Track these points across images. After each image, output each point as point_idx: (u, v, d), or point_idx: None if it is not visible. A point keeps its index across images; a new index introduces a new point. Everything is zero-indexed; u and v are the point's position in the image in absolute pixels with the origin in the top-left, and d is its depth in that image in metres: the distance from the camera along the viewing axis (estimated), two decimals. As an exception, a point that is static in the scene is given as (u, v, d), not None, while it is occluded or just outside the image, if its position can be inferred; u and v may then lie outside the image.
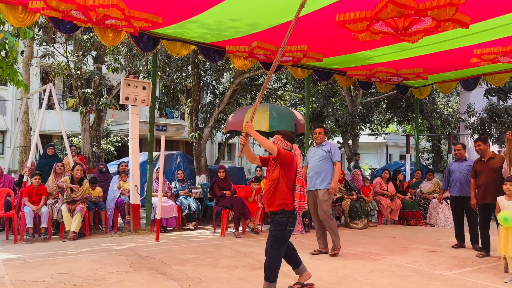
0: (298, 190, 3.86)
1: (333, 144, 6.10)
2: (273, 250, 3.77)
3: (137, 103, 7.72)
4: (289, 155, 3.88)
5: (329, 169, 5.92)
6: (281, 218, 3.81)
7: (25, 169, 8.24)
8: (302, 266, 4.14)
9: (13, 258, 5.32)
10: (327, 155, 5.95)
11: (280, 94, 17.09)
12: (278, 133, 4.09)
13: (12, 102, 18.77)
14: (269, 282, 3.75)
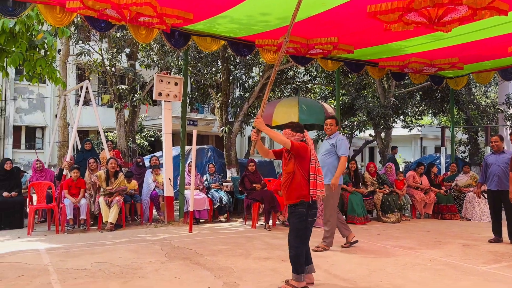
0: (312, 179, 3.80)
1: (340, 137, 5.73)
2: (297, 243, 3.76)
3: (170, 98, 7.90)
4: (302, 146, 3.82)
5: (333, 163, 5.61)
6: (301, 209, 3.78)
7: (65, 163, 8.61)
8: (310, 266, 4.01)
9: (55, 248, 5.60)
10: (332, 149, 5.65)
11: (310, 87, 16.98)
12: (285, 127, 4.00)
13: (50, 99, 19.56)
14: (298, 274, 3.75)
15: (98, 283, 3.98)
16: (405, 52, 8.54)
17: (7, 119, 18.90)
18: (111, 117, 16.40)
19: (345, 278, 4.27)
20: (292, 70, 14.71)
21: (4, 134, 18.86)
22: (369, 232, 7.22)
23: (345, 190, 8.39)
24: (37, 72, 8.59)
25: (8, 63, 8.21)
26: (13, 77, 17.75)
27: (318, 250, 5.50)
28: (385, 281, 4.20)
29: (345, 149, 5.60)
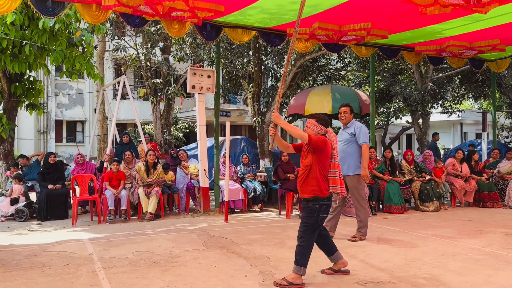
0: (333, 176, 3.75)
1: (358, 124, 5.55)
2: (304, 236, 3.72)
3: (203, 91, 8.02)
4: (321, 140, 3.72)
5: (355, 153, 5.48)
6: (314, 205, 3.72)
7: (105, 156, 8.95)
8: (336, 254, 3.98)
9: (98, 237, 5.87)
10: (352, 138, 5.49)
11: (343, 74, 16.71)
12: (311, 117, 3.92)
13: (89, 94, 20.28)
14: (298, 266, 3.70)
15: (139, 271, 4.15)
16: (443, 36, 8.23)
17: (49, 114, 19.77)
18: (148, 110, 16.82)
19: (382, 267, 4.24)
20: (325, 58, 14.51)
21: (47, 129, 19.77)
22: (407, 221, 7.10)
23: (382, 179, 8.26)
24: (76, 69, 8.94)
25: (51, 61, 8.59)
26: (53, 73, 18.53)
27: (354, 240, 5.46)
28: (423, 270, 4.14)
29: (365, 136, 5.46)
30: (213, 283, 3.75)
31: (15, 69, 8.24)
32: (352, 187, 5.52)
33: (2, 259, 4.62)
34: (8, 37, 7.86)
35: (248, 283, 3.73)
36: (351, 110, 5.58)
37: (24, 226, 6.88)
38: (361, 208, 5.55)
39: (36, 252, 4.95)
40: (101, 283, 3.75)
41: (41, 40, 8.01)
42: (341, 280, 3.82)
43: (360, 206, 5.55)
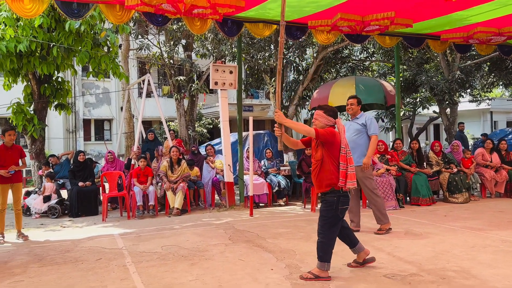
0: (342, 168, 3.64)
1: (368, 116, 5.59)
2: (324, 230, 3.67)
3: (226, 87, 8.07)
4: (329, 133, 3.65)
5: (366, 143, 5.48)
6: (331, 197, 3.66)
7: (132, 153, 9.15)
8: (359, 246, 3.92)
9: (128, 232, 6.03)
10: (362, 129, 5.48)
11: (367, 64, 16.44)
12: (319, 108, 3.84)
13: (115, 93, 20.71)
14: (322, 262, 3.66)
15: (168, 265, 4.25)
16: (469, 22, 7.98)
17: (77, 113, 20.32)
18: (172, 107, 17.06)
19: (410, 260, 4.19)
20: (348, 49, 14.31)
21: (75, 128, 20.33)
22: (435, 213, 6.97)
23: (408, 171, 8.12)
24: (102, 68, 9.14)
25: (77, 62, 8.82)
26: (80, 73, 19.01)
27: (381, 233, 5.40)
28: (452, 263, 4.07)
29: (376, 128, 5.50)
30: (240, 276, 3.80)
31: (44, 71, 8.50)
32: (362, 178, 5.48)
33: (38, 255, 4.82)
34: (36, 39, 8.12)
35: (275, 276, 3.76)
36: (358, 102, 5.61)
37: (57, 222, 7.14)
38: (375, 197, 5.52)
39: (69, 247, 5.13)
40: (131, 277, 3.87)
41: (67, 42, 8.23)
42: (367, 273, 3.80)
43: (373, 195, 5.52)
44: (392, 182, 7.56)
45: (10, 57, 8.21)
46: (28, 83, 9.33)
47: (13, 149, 5.75)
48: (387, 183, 7.48)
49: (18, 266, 4.33)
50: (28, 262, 4.48)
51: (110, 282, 3.73)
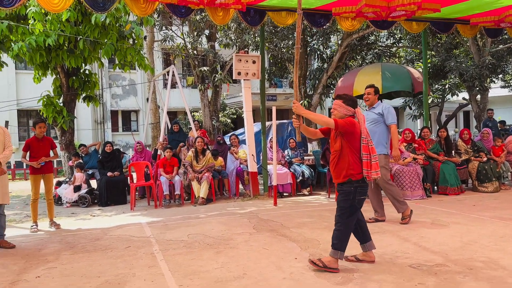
0: (365, 159, 3.56)
1: (385, 105, 5.47)
2: (341, 220, 3.62)
3: (249, 77, 8.07)
4: (349, 123, 3.57)
5: (383, 132, 5.42)
6: (348, 188, 3.60)
7: (158, 143, 9.32)
8: (369, 243, 3.83)
9: (155, 221, 6.17)
10: (379, 118, 5.41)
11: (394, 51, 16.06)
12: (338, 98, 3.76)
13: (141, 85, 21.04)
14: (335, 250, 3.61)
15: (194, 253, 4.34)
16: (500, 5, 7.66)
17: (105, 105, 20.79)
18: (196, 98, 17.20)
19: (436, 250, 4.13)
20: (374, 35, 14.00)
21: (103, 119, 20.82)
22: (463, 203, 6.81)
23: (436, 160, 7.95)
24: (127, 60, 9.30)
25: (102, 54, 9.00)
26: (107, 65, 19.39)
27: (406, 221, 5.31)
28: (480, 253, 3.98)
29: (393, 117, 5.41)
30: (264, 265, 3.84)
31: (72, 64, 8.73)
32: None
33: (70, 242, 5.01)
34: (64, 33, 8.32)
35: (299, 265, 3.79)
36: (376, 91, 5.51)
37: (87, 211, 7.38)
38: (390, 186, 5.44)
39: (99, 235, 5.31)
40: (159, 265, 3.97)
41: (93, 35, 8.40)
42: (392, 263, 3.78)
43: (387, 184, 5.43)
44: (419, 171, 7.42)
45: (40, 51, 8.47)
46: (57, 76, 9.60)
47: (44, 141, 5.95)
48: (414, 172, 7.35)
49: (51, 254, 4.52)
50: (61, 250, 4.67)
51: (138, 270, 3.84)
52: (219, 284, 3.39)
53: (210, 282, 3.44)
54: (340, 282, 3.36)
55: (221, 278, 3.52)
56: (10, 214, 7.11)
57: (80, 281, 3.57)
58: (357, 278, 3.44)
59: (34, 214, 5.89)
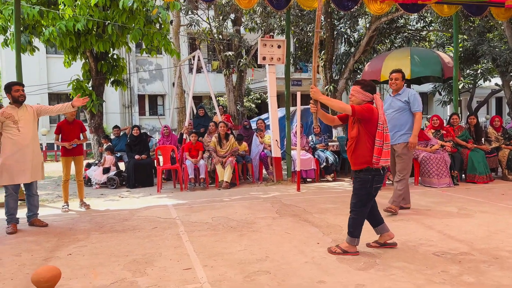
0: (377, 145, 3.48)
1: (412, 92, 5.28)
2: (357, 208, 3.62)
3: (273, 62, 8.02)
4: (366, 109, 3.50)
5: (408, 120, 5.26)
6: (365, 175, 3.56)
7: (184, 128, 9.45)
8: (382, 226, 3.81)
9: (181, 203, 6.32)
10: (405, 106, 5.24)
11: (424, 34, 15.59)
12: (356, 83, 3.69)
13: (167, 69, 21.25)
14: (352, 237, 3.64)
15: (218, 235, 4.43)
16: (540, -15, 7.30)
17: (132, 89, 21.14)
18: (221, 83, 17.26)
19: (461, 239, 4.08)
20: (403, 18, 13.62)
21: (131, 103, 21.21)
22: (492, 191, 6.65)
23: (465, 147, 7.76)
24: (154, 45, 9.40)
25: (130, 39, 9.13)
26: (134, 50, 19.65)
27: (390, 211, 5.11)
28: (507, 243, 3.91)
29: (419, 104, 5.23)
30: (286, 249, 3.90)
31: (100, 48, 8.90)
32: (402, 154, 5.26)
33: (99, 222, 5.20)
34: (92, 18, 8.47)
35: (321, 250, 3.82)
36: (403, 77, 5.32)
37: (115, 192, 7.61)
38: (403, 178, 5.28)
39: (127, 216, 5.49)
40: (184, 245, 4.09)
41: (121, 19, 8.52)
42: (416, 251, 3.76)
43: (402, 176, 5.28)
44: (446, 158, 7.27)
45: (70, 35, 8.66)
46: (86, 61, 9.82)
47: (74, 124, 6.14)
48: (441, 160, 7.21)
49: (81, 233, 4.71)
50: (90, 229, 4.86)
51: (164, 249, 3.97)
52: (242, 265, 3.47)
53: (233, 263, 3.53)
54: (362, 267, 3.38)
55: (244, 260, 3.60)
56: (43, 194, 7.41)
57: (109, 259, 3.72)
58: (379, 264, 3.44)
59: (65, 195, 6.13)
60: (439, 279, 3.09)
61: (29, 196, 5.11)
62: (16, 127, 4.80)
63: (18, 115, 4.85)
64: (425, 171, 7.31)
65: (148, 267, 3.49)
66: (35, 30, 9.08)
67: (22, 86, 5.00)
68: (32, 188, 5.11)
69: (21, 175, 4.84)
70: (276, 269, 3.37)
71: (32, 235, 4.67)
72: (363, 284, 3.03)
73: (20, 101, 4.89)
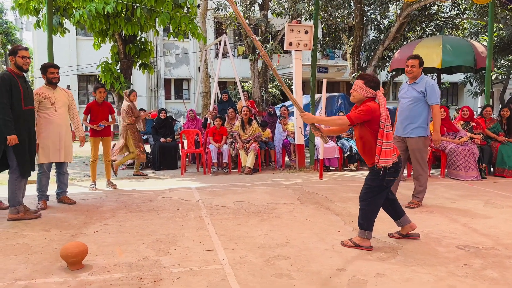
0: (378, 144, 3.37)
1: (430, 81, 4.87)
2: (367, 198, 3.51)
3: (300, 48, 7.94)
4: (363, 112, 3.39)
5: (423, 112, 4.88)
6: (379, 169, 3.45)
7: (208, 113, 9.52)
8: (404, 218, 3.72)
9: (204, 187, 6.41)
10: (421, 96, 4.86)
11: (458, 22, 15.06)
12: (359, 78, 3.53)
13: (193, 54, 21.34)
14: (362, 230, 3.55)
15: (240, 219, 4.49)
16: None
17: (159, 73, 21.37)
18: (246, 68, 17.22)
19: (486, 233, 4.00)
20: (436, 5, 13.19)
21: (157, 87, 21.46)
22: (522, 186, 6.46)
23: (495, 140, 7.53)
24: (181, 29, 9.44)
25: (159, 23, 9.19)
26: (161, 34, 19.78)
27: (412, 206, 5.00)
28: (536, 240, 3.81)
29: (437, 96, 4.84)
30: (307, 235, 3.92)
31: (129, 31, 9.00)
32: (415, 150, 4.98)
33: (125, 202, 5.35)
34: (121, 1, 8.56)
35: (342, 238, 3.81)
36: (420, 63, 4.90)
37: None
38: (423, 173, 5.05)
39: (152, 197, 5.62)
40: (206, 227, 4.17)
41: (150, 3, 8.57)
42: (438, 243, 3.71)
43: (422, 170, 5.05)
44: (475, 151, 7.09)
45: (99, 18, 8.79)
46: (115, 43, 9.96)
47: (103, 106, 6.28)
48: (469, 152, 7.03)
49: (108, 211, 4.86)
50: (116, 208, 5.00)
51: (187, 231, 4.06)
52: (262, 250, 3.51)
53: (254, 247, 3.58)
54: (383, 257, 3.37)
55: (265, 245, 3.64)
56: (71, 173, 7.66)
57: (134, 238, 3.84)
58: (401, 255, 3.42)
59: (93, 174, 6.31)
60: (461, 272, 3.05)
61: (59, 174, 5.29)
62: (54, 108, 4.97)
63: (55, 96, 5.02)
64: (452, 163, 7.15)
65: (171, 247, 3.58)
66: (66, 12, 9.25)
67: (57, 68, 5.12)
68: (63, 166, 5.29)
69: (56, 154, 5.03)
70: (296, 255, 3.40)
71: (61, 211, 4.85)
72: (383, 273, 3.02)
73: (53, 82, 5.03)
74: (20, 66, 4.41)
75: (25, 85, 4.50)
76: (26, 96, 4.45)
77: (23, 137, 4.40)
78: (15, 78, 4.37)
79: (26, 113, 4.48)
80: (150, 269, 3.08)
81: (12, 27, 24.49)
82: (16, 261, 3.26)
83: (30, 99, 4.58)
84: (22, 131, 4.40)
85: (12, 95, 4.30)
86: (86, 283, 2.84)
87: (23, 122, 4.42)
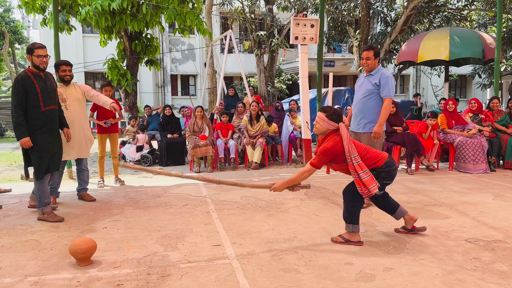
0: (354, 177, 3.34)
1: (385, 73, 4.59)
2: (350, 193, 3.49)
3: (306, 41, 7.88)
4: (323, 153, 3.36)
5: (376, 107, 4.62)
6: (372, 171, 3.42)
7: (215, 108, 9.53)
8: (399, 209, 3.67)
9: (211, 182, 6.42)
10: (375, 89, 4.60)
11: (466, 14, 14.88)
12: (322, 110, 3.48)
13: (199, 49, 21.33)
14: (347, 224, 3.52)
15: (247, 214, 4.50)
16: None
17: (165, 69, 21.40)
18: (252, 63, 17.18)
19: (495, 226, 3.96)
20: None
21: (164, 83, 21.51)
22: (532, 179, 6.39)
23: (504, 132, 7.45)
24: (187, 25, 9.44)
25: (165, 19, 9.20)
26: (167, 30, 19.79)
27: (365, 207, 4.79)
28: (546, 233, 3.77)
29: (390, 89, 4.57)
30: (314, 230, 3.91)
31: (135, 28, 9.02)
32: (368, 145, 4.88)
33: (133, 198, 5.38)
34: (127, -2, 8.57)
35: (349, 233, 3.80)
36: (376, 54, 4.63)
37: (149, 170, 7.81)
38: None
39: (160, 193, 5.64)
40: (214, 223, 4.18)
41: (155, -1, 8.59)
42: (448, 236, 3.68)
43: None
44: (484, 143, 7.02)
45: (105, 15, 8.82)
46: (121, 40, 9.99)
47: (110, 102, 6.30)
48: (478, 145, 6.97)
49: (116, 207, 4.90)
50: (124, 204, 5.04)
51: (195, 226, 4.07)
52: (270, 244, 3.52)
53: (261, 242, 3.58)
54: (390, 251, 3.36)
55: (272, 239, 3.65)
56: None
57: (142, 233, 3.86)
58: (409, 248, 3.41)
59: (101, 170, 6.35)
60: (470, 266, 3.03)
61: (79, 171, 5.30)
62: (64, 105, 4.92)
63: (66, 93, 5.00)
64: (461, 156, 7.09)
65: (179, 242, 3.60)
66: (72, 10, 9.29)
67: (69, 66, 5.06)
68: (82, 163, 5.28)
69: (69, 152, 4.95)
70: (303, 249, 3.39)
71: (70, 208, 4.89)
72: (391, 267, 3.01)
73: (65, 80, 4.99)
74: (37, 65, 4.20)
75: (45, 84, 4.25)
76: (45, 96, 4.22)
77: (40, 139, 4.21)
78: (31, 78, 4.15)
79: (46, 113, 4.24)
80: (158, 265, 3.10)
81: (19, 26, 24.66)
82: (26, 257, 3.29)
83: (52, 99, 4.32)
84: (40, 133, 4.20)
85: (27, 97, 4.11)
86: (95, 279, 2.86)
87: (43, 124, 4.21)
